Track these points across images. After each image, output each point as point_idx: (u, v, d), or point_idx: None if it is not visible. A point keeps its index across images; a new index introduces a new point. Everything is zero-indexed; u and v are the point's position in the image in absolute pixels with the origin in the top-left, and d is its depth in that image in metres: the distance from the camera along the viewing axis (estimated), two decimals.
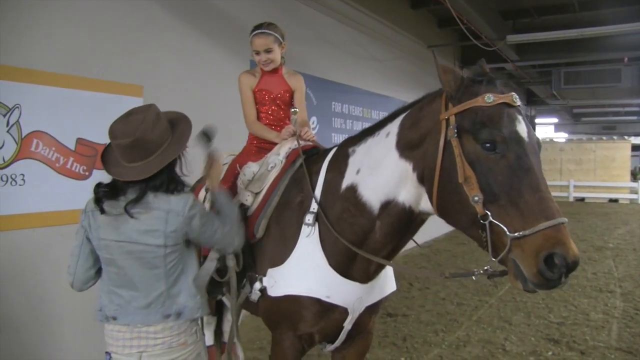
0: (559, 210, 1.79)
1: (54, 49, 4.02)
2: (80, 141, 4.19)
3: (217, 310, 3.69)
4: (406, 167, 2.18)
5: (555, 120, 28.70)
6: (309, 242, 2.36)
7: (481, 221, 1.87)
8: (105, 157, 2.14)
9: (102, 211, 2.04)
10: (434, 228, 10.68)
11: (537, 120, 24.45)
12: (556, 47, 11.84)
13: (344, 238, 2.30)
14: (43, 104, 3.95)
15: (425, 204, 2.17)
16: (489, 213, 1.84)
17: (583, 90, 15.03)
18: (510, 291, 7.05)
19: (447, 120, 2.00)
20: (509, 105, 1.95)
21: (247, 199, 2.66)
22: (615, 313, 6.16)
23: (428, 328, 5.58)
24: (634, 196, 20.69)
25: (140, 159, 2.03)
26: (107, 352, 2.16)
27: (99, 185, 2.10)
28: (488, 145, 1.88)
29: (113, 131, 2.04)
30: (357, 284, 2.38)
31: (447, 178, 1.98)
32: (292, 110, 2.94)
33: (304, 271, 2.34)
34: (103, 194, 2.06)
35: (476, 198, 1.87)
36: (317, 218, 2.37)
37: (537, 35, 10.09)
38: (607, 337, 5.32)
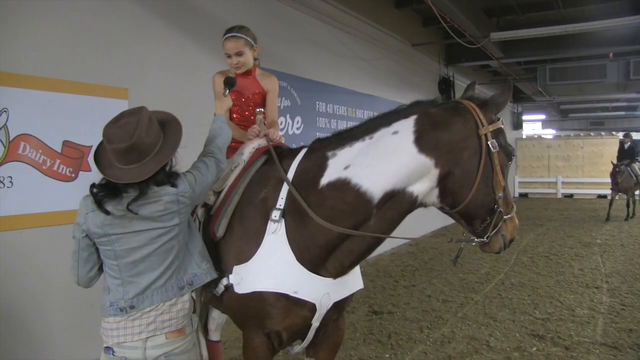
0: None
1: (40, 53, 4.03)
2: (66, 143, 4.21)
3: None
4: (426, 162, 2.30)
5: (542, 116, 28.84)
6: (275, 238, 2.37)
7: (497, 210, 2.43)
8: (97, 159, 2.13)
9: (107, 212, 2.06)
10: (420, 226, 10.76)
11: (524, 117, 24.50)
12: (541, 43, 11.91)
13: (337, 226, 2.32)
14: (30, 108, 3.98)
15: (431, 198, 2.43)
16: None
17: (569, 86, 15.09)
18: (496, 288, 7.11)
19: (485, 135, 2.38)
20: None
21: (210, 198, 2.68)
22: (601, 309, 6.15)
23: (413, 325, 5.60)
24: None
25: (136, 162, 2.06)
26: (108, 347, 2.17)
27: (94, 186, 2.11)
28: (509, 157, 2.49)
29: (109, 136, 2.04)
30: (325, 279, 2.41)
31: (484, 183, 2.39)
32: (257, 110, 2.98)
33: (271, 267, 2.36)
34: (103, 196, 2.07)
35: (500, 194, 2.42)
36: (283, 214, 2.39)
37: (521, 32, 10.14)
38: (592, 333, 5.32)
